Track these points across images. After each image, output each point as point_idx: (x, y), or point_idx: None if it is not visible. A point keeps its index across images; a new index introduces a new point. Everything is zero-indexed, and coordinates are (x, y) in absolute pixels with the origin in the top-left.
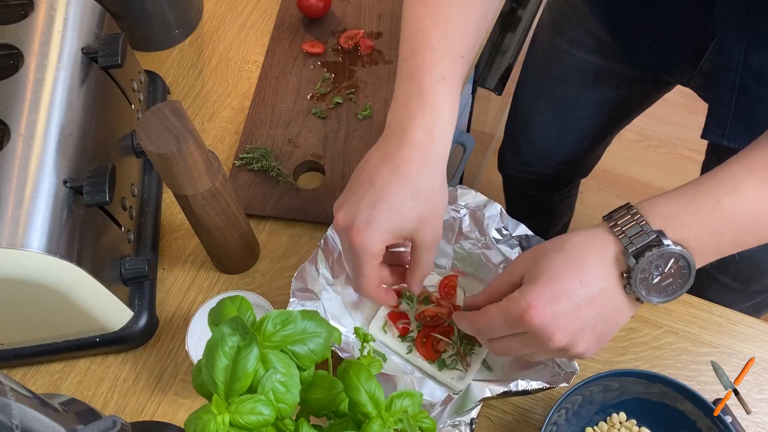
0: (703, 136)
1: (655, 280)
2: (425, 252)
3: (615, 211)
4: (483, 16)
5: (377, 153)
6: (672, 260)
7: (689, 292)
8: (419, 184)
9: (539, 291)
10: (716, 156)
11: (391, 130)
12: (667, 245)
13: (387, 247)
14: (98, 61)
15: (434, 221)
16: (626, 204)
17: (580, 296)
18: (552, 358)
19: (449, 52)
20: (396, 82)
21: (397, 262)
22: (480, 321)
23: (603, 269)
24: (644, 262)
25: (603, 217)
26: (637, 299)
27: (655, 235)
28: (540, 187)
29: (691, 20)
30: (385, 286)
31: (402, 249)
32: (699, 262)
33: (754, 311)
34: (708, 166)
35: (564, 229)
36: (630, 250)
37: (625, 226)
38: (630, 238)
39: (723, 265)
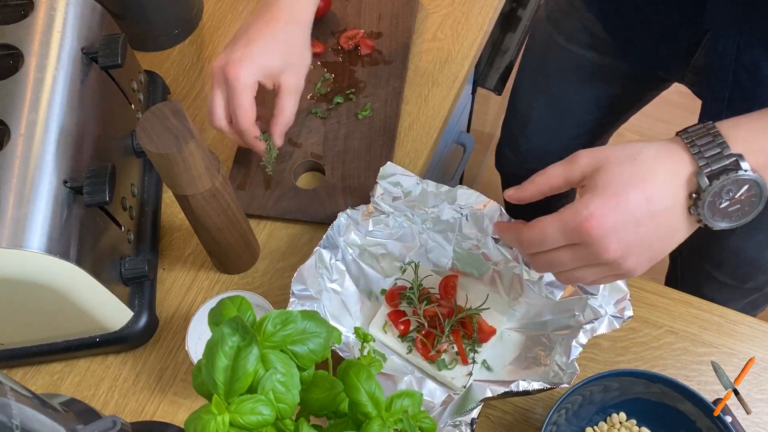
0: None
1: (723, 205)
2: (288, 97)
3: (693, 127)
4: None
5: (252, 14)
6: (746, 187)
7: (688, 291)
8: (285, 36)
9: (603, 202)
10: None
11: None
12: (745, 171)
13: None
14: (98, 61)
15: (297, 69)
16: (706, 122)
17: (643, 212)
18: (595, 278)
19: None
20: None
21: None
22: (532, 232)
23: (672, 187)
24: (717, 186)
25: (678, 133)
26: (698, 221)
27: (734, 159)
28: None
29: (683, 14)
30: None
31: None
32: None
33: (751, 309)
34: None
35: None
36: (705, 172)
37: (703, 146)
38: (707, 159)
39: (719, 262)
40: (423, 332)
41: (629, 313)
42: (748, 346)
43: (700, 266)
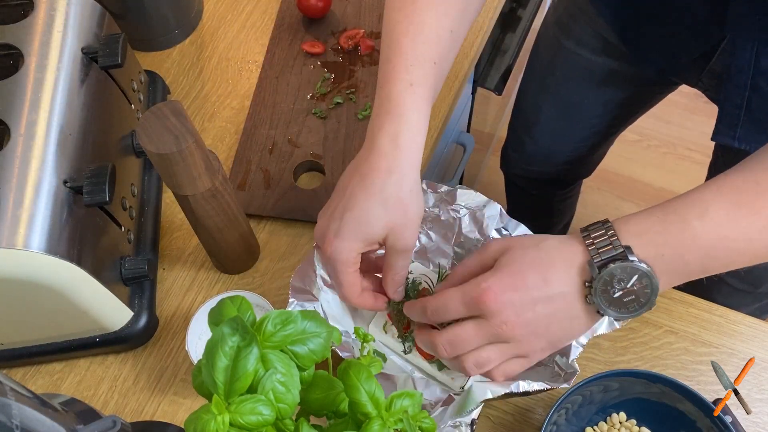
0: (713, 138)
1: (617, 294)
2: (396, 257)
3: (592, 224)
4: (458, 23)
5: (352, 164)
6: (636, 277)
7: (693, 292)
8: (385, 193)
9: (500, 278)
10: (725, 158)
11: (366, 140)
12: (632, 260)
13: (365, 255)
14: (98, 61)
15: (404, 228)
16: (604, 219)
17: (541, 293)
18: (498, 359)
19: (419, 58)
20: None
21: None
22: (436, 300)
23: (567, 274)
24: (607, 274)
25: (580, 229)
26: (597, 311)
27: (621, 250)
28: (542, 186)
29: (702, 22)
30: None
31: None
32: (664, 283)
33: (761, 313)
34: (715, 167)
35: (565, 229)
36: (595, 261)
37: (596, 238)
38: (598, 249)
39: None
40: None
41: None
42: (748, 346)
43: None
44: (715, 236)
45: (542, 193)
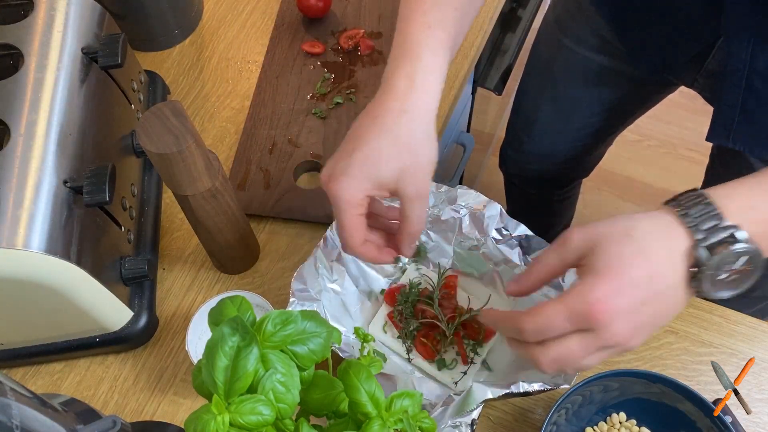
0: (708, 139)
1: (722, 276)
2: (410, 205)
3: (682, 196)
4: None
5: (364, 110)
6: (744, 258)
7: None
8: (397, 132)
9: (608, 285)
10: (721, 159)
11: (381, 85)
12: (743, 242)
13: (374, 213)
14: (98, 61)
15: (416, 172)
16: (696, 191)
17: (648, 292)
18: (599, 361)
19: (438, 2)
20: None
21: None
22: (535, 320)
23: (672, 264)
24: (717, 260)
25: (666, 202)
26: (697, 293)
27: (730, 232)
28: (541, 186)
29: (697, 21)
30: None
31: (395, 205)
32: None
33: (762, 317)
34: (711, 169)
35: (564, 229)
36: (702, 245)
37: (697, 215)
38: (704, 232)
39: None
40: (422, 332)
41: None
42: (748, 346)
43: None
44: None
45: (541, 193)
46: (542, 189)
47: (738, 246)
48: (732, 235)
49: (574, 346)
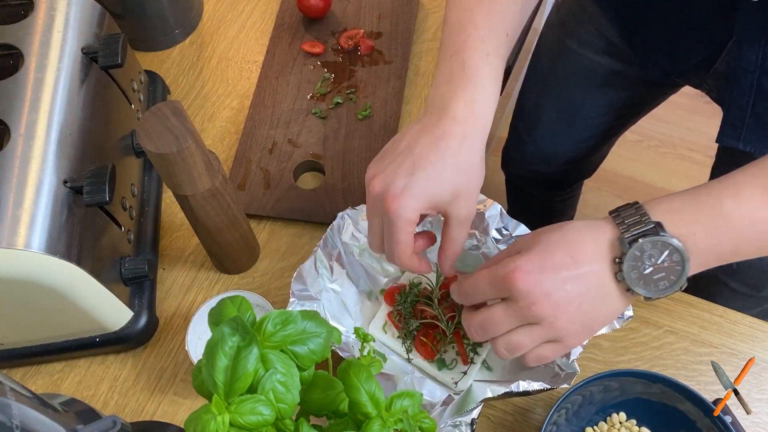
0: (718, 140)
1: (647, 271)
2: (458, 227)
3: (622, 206)
4: None
5: (417, 126)
6: (666, 252)
7: (693, 293)
8: (459, 157)
9: (529, 258)
10: (728, 159)
11: (432, 105)
12: (663, 235)
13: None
14: (98, 61)
15: (470, 196)
16: (634, 201)
17: (570, 271)
18: (532, 342)
19: (494, 29)
20: (439, 59)
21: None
22: (466, 282)
23: (596, 251)
24: (637, 248)
25: (609, 211)
26: (628, 290)
27: (652, 225)
28: (543, 187)
29: (709, 23)
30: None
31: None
32: (695, 264)
33: (765, 316)
34: (717, 169)
35: None
36: (626, 236)
37: (627, 216)
38: (628, 226)
39: (732, 270)
40: (422, 332)
41: (629, 313)
42: (748, 346)
43: (714, 275)
44: (748, 218)
45: (543, 194)
46: (544, 190)
47: (658, 237)
48: (654, 229)
49: (499, 313)
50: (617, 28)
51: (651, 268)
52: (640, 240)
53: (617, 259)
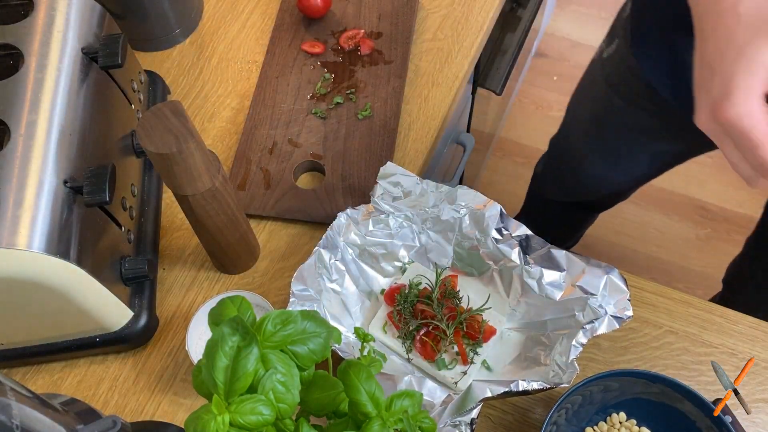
0: None
1: None
2: None
3: None
4: None
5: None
6: None
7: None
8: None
9: None
10: None
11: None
12: None
13: None
14: (98, 61)
15: None
16: None
17: None
18: None
19: None
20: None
21: None
22: None
23: None
24: None
25: None
26: None
27: None
28: (576, 208)
29: None
30: None
31: None
32: None
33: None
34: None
35: (576, 240)
36: None
37: None
38: None
39: None
40: (422, 332)
41: (629, 313)
42: (748, 346)
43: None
44: None
45: (574, 214)
46: (576, 210)
47: None
48: None
49: None
50: (668, 90)
51: None
52: None
53: None
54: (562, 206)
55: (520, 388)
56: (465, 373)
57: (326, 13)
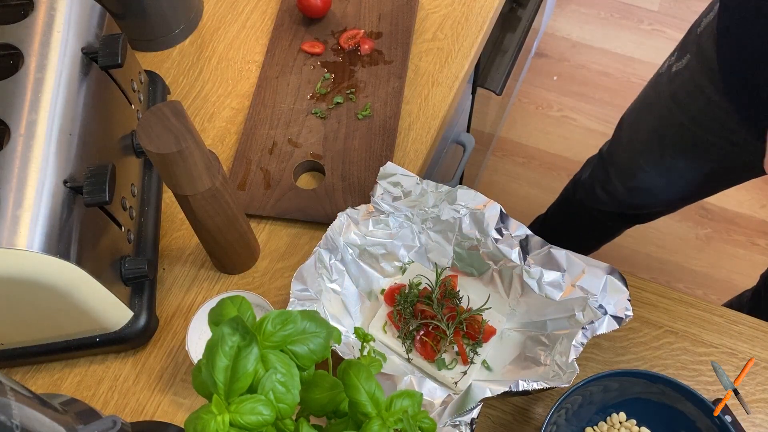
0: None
1: None
2: None
3: None
4: None
5: None
6: None
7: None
8: None
9: None
10: None
11: None
12: None
13: None
14: (98, 61)
15: None
16: None
17: None
18: None
19: None
20: None
21: None
22: None
23: None
24: None
25: None
26: None
27: None
28: (617, 219)
29: None
30: None
31: None
32: None
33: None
34: None
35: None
36: None
37: None
38: None
39: None
40: (423, 332)
41: (629, 313)
42: (748, 346)
43: None
44: None
45: (614, 224)
46: (616, 222)
47: None
48: None
49: None
50: (737, 112)
51: None
52: None
53: None
54: (601, 214)
55: (520, 388)
56: (465, 373)
57: (326, 13)
